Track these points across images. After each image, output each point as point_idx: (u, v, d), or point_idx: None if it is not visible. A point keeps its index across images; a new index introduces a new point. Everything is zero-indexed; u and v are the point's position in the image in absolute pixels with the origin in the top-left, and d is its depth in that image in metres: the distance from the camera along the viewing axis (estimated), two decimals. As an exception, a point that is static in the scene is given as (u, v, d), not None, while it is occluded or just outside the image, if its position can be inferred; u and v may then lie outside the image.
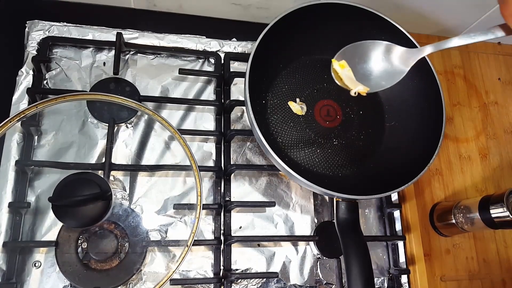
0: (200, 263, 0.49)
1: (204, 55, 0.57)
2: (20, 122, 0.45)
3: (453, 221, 0.55)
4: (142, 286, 0.46)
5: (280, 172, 0.54)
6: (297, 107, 0.53)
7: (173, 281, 0.46)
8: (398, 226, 0.56)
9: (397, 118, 0.55)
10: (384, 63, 0.30)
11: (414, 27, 0.65)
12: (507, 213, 0.47)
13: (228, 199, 0.52)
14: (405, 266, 0.55)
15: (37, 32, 0.52)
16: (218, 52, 0.58)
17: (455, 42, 0.27)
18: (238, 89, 0.58)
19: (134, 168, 0.50)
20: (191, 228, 0.45)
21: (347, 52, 0.31)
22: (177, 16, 0.61)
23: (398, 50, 0.29)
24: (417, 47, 0.51)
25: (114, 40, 0.53)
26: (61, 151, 0.49)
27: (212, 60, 0.58)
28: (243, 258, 0.50)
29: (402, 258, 0.55)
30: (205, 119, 0.55)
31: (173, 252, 0.48)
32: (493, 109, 0.68)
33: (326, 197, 0.56)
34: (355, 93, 0.30)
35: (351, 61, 0.30)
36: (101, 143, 0.50)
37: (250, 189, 0.54)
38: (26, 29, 0.52)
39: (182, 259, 0.43)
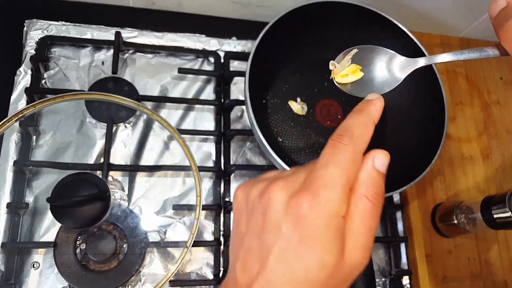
0: (200, 264, 0.49)
1: (203, 54, 0.57)
2: (18, 122, 0.45)
3: (455, 221, 0.54)
4: (141, 287, 0.46)
5: (280, 172, 0.53)
6: (297, 107, 0.53)
7: (172, 283, 0.45)
8: (399, 227, 0.56)
9: (398, 118, 0.55)
10: (385, 70, 0.31)
11: (416, 26, 0.65)
12: (509, 214, 0.47)
13: (227, 199, 0.52)
14: (406, 267, 0.54)
15: (35, 31, 0.52)
16: (217, 51, 0.57)
17: (447, 57, 0.29)
18: (238, 89, 0.57)
19: (132, 169, 0.50)
20: (191, 229, 0.44)
21: (358, 53, 0.32)
22: (176, 15, 0.61)
23: (399, 59, 0.31)
24: (418, 47, 0.51)
25: (113, 39, 0.52)
26: (59, 151, 0.49)
27: (212, 59, 0.57)
28: (243, 259, 0.50)
29: (403, 259, 0.54)
30: (204, 118, 0.55)
31: (172, 253, 0.48)
32: (495, 109, 0.68)
33: (327, 198, 0.56)
34: (333, 65, 0.32)
35: (360, 62, 0.32)
36: (100, 143, 0.50)
37: (250, 189, 0.53)
38: (25, 28, 0.52)
39: (181, 261, 0.42)
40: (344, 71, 0.32)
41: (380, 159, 0.22)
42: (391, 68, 0.31)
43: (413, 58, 0.31)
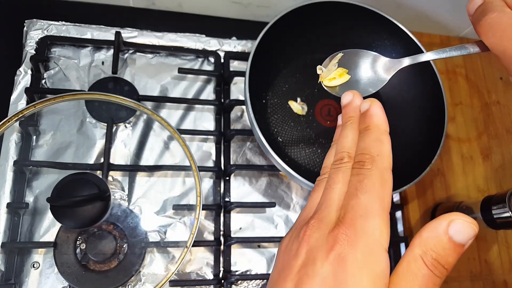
0: (200, 264, 0.49)
1: (203, 54, 0.57)
2: (18, 122, 0.45)
3: (455, 221, 0.54)
4: (141, 287, 0.46)
5: (280, 172, 0.54)
6: (297, 107, 0.53)
7: (172, 283, 0.45)
8: (399, 227, 0.56)
9: (398, 118, 0.55)
10: (371, 72, 0.33)
11: (416, 26, 0.65)
12: (509, 213, 0.47)
13: (228, 199, 0.52)
14: (406, 267, 0.54)
15: (35, 31, 0.52)
16: (217, 51, 0.57)
17: (430, 56, 0.30)
18: (238, 89, 0.57)
19: (132, 169, 0.50)
20: (191, 229, 0.44)
21: (344, 56, 0.34)
22: (176, 15, 0.61)
23: (383, 60, 0.32)
24: (419, 47, 0.51)
25: (113, 39, 0.52)
26: (59, 151, 0.49)
27: (212, 59, 0.57)
28: (243, 260, 0.50)
29: (403, 259, 0.55)
30: (204, 118, 0.55)
31: (172, 253, 0.48)
32: (495, 109, 0.68)
33: (327, 198, 0.56)
34: (320, 69, 0.35)
35: (346, 65, 0.34)
36: (100, 143, 0.50)
37: (250, 189, 0.53)
38: (25, 28, 0.52)
39: (181, 260, 0.42)
40: (331, 75, 0.33)
41: (458, 225, 0.17)
42: (376, 69, 0.32)
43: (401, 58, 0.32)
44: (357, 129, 0.25)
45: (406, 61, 0.31)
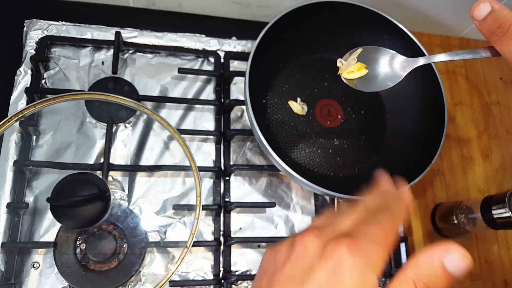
0: (200, 264, 0.49)
1: (203, 54, 0.57)
2: (18, 122, 0.45)
3: (455, 221, 0.54)
4: (141, 287, 0.46)
5: (280, 172, 0.54)
6: (297, 107, 0.53)
7: (172, 283, 0.45)
8: (399, 227, 0.56)
9: (398, 118, 0.55)
10: (388, 68, 0.35)
11: (416, 26, 0.65)
12: (509, 214, 0.47)
13: (227, 199, 0.52)
14: (406, 267, 0.54)
15: (35, 31, 0.52)
16: (217, 51, 0.57)
17: (443, 57, 0.32)
18: (238, 89, 0.57)
19: (132, 169, 0.50)
20: (191, 229, 0.44)
21: (363, 52, 0.36)
22: (176, 15, 0.61)
23: (399, 59, 0.35)
24: (419, 47, 0.51)
25: (113, 39, 0.52)
26: (59, 151, 0.49)
27: (212, 59, 0.57)
28: (243, 260, 0.50)
29: (403, 259, 0.54)
30: (204, 118, 0.55)
31: (172, 253, 0.48)
32: (495, 109, 0.68)
33: (327, 198, 0.56)
34: (340, 62, 0.37)
35: (364, 60, 0.36)
36: (100, 143, 0.50)
37: (250, 189, 0.53)
38: (25, 28, 0.52)
39: (181, 261, 0.42)
40: (350, 68, 0.35)
41: (454, 258, 0.18)
42: (393, 66, 0.35)
43: (413, 57, 0.34)
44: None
45: (421, 61, 0.34)
